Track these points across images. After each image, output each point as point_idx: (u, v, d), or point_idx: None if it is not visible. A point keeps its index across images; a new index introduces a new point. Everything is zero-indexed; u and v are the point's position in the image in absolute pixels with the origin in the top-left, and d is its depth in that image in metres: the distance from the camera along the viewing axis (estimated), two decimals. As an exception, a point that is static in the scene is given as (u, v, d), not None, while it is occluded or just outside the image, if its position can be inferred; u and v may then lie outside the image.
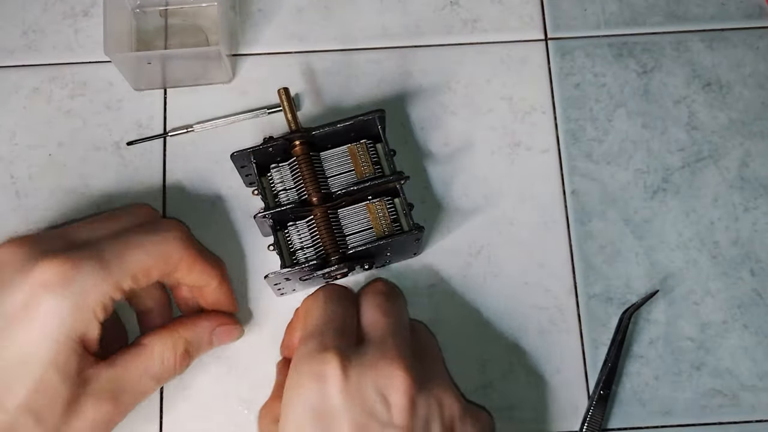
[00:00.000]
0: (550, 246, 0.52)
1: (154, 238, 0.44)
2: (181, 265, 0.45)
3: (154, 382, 0.44)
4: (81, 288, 0.40)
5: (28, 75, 0.55)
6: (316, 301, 0.45)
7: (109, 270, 0.41)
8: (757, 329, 0.51)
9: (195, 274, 0.46)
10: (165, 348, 0.45)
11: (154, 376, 0.44)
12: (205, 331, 0.47)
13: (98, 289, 0.41)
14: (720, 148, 0.54)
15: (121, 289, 0.42)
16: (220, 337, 0.48)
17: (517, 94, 0.55)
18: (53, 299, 0.40)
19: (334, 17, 0.56)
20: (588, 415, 0.49)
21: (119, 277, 0.42)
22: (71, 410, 0.41)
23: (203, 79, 0.54)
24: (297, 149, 0.48)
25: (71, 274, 0.40)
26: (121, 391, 0.43)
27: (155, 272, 0.44)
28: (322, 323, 0.43)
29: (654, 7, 0.57)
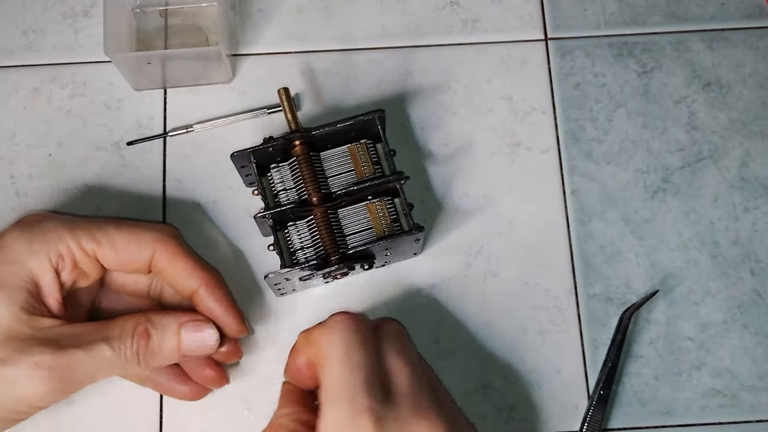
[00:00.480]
0: (550, 246, 0.52)
1: (136, 225, 0.45)
2: (158, 256, 0.44)
3: (107, 349, 0.42)
4: (43, 229, 0.43)
5: (28, 75, 0.55)
6: (337, 347, 0.40)
7: (77, 226, 0.43)
8: (757, 329, 0.51)
9: (175, 270, 0.45)
10: (127, 319, 0.43)
11: (108, 341, 0.42)
12: (172, 318, 0.44)
13: (57, 234, 0.43)
14: (720, 148, 0.54)
15: (80, 244, 0.43)
16: (189, 330, 0.44)
17: (517, 94, 0.55)
18: (16, 231, 0.43)
19: (334, 17, 0.56)
20: (588, 415, 0.49)
21: (83, 235, 0.43)
22: (14, 342, 0.40)
23: (203, 79, 0.54)
24: (297, 149, 0.48)
25: (42, 218, 0.43)
26: (70, 341, 0.41)
27: (123, 251, 0.44)
28: (348, 376, 0.39)
29: (654, 7, 0.57)
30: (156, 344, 0.43)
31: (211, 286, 0.45)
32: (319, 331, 0.41)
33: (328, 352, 0.40)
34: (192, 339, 0.44)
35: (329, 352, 0.40)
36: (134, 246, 0.44)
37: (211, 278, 0.46)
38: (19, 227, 0.44)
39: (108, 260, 0.44)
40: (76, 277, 0.44)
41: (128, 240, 0.44)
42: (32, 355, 0.40)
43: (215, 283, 0.46)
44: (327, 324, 0.41)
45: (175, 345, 0.44)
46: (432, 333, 0.50)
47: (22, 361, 0.40)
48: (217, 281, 0.46)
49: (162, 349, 0.44)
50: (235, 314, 0.46)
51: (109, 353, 0.42)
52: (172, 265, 0.45)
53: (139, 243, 0.44)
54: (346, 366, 0.39)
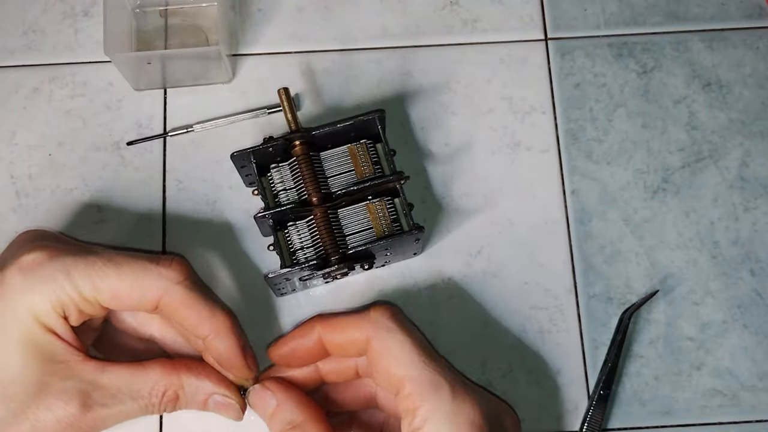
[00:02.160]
0: (550, 246, 0.52)
1: (139, 268, 0.42)
2: (163, 305, 0.42)
3: (133, 404, 0.42)
4: (42, 278, 0.41)
5: (28, 75, 0.55)
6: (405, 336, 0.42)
7: (75, 271, 0.41)
8: (757, 329, 0.51)
9: (182, 320, 0.43)
10: (160, 378, 0.42)
11: (136, 398, 0.42)
12: (203, 390, 0.43)
13: (57, 285, 0.41)
14: (720, 148, 0.54)
15: (80, 293, 0.41)
16: (215, 405, 0.44)
17: (517, 94, 0.55)
18: (16, 279, 0.41)
19: (334, 17, 0.56)
20: (588, 415, 0.49)
21: (82, 283, 0.41)
22: (39, 397, 0.40)
23: (203, 79, 0.54)
24: (297, 149, 0.48)
25: (42, 261, 0.41)
26: (96, 398, 0.41)
27: (126, 299, 0.42)
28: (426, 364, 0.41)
29: (654, 7, 0.57)
30: (182, 405, 0.44)
31: (220, 335, 0.43)
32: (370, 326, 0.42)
33: (396, 347, 0.41)
34: (216, 408, 0.44)
35: (397, 347, 0.41)
36: (137, 293, 0.42)
37: (221, 325, 0.43)
38: (17, 274, 0.41)
39: (111, 306, 0.43)
40: (83, 318, 0.43)
41: (130, 288, 0.42)
42: (61, 411, 0.40)
43: (225, 330, 0.43)
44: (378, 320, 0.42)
45: (199, 408, 0.44)
46: (432, 333, 0.50)
47: (50, 419, 0.40)
48: (227, 327, 0.44)
49: (186, 407, 0.44)
50: (242, 361, 0.44)
51: (135, 408, 0.42)
52: (178, 313, 0.43)
53: (142, 290, 0.42)
54: (419, 355, 0.41)
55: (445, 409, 0.39)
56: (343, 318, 0.43)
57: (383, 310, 0.42)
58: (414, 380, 0.40)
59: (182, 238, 0.52)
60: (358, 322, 0.42)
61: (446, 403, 0.39)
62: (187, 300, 0.42)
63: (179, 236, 0.52)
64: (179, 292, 0.42)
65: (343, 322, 0.43)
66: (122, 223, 0.52)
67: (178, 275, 0.42)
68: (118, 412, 0.42)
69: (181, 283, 0.42)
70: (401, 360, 0.40)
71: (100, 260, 0.42)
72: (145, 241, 0.51)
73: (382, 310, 0.42)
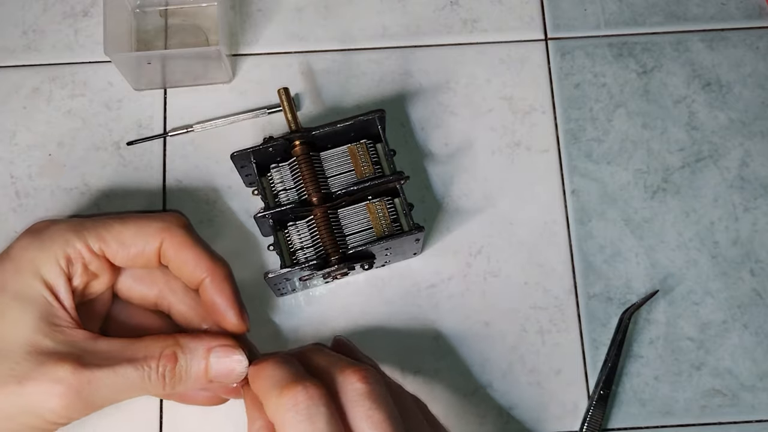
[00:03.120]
0: (550, 246, 0.52)
1: (141, 217, 0.44)
2: (165, 246, 0.44)
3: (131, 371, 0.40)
4: (50, 235, 0.42)
5: (28, 75, 0.55)
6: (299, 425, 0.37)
7: (83, 227, 0.43)
8: (757, 329, 0.51)
9: (182, 259, 0.44)
10: (154, 340, 0.42)
11: (132, 362, 0.40)
12: (201, 343, 0.42)
13: (63, 238, 0.42)
14: (720, 148, 0.54)
15: (86, 245, 0.42)
16: (218, 356, 0.42)
17: (517, 94, 0.55)
18: (24, 240, 0.42)
19: (334, 17, 0.56)
20: (588, 415, 0.49)
21: (89, 235, 0.42)
22: (30, 356, 0.39)
23: (203, 79, 0.54)
24: (297, 149, 0.48)
25: (48, 224, 0.43)
26: (90, 358, 0.40)
27: (131, 245, 0.43)
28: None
29: (654, 7, 0.57)
30: (183, 368, 0.42)
31: (217, 278, 0.44)
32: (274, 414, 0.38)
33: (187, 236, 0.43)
34: (220, 365, 0.42)
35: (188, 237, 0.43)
36: (141, 239, 0.43)
37: (218, 270, 0.44)
38: (27, 235, 0.43)
39: (117, 257, 0.43)
40: (88, 280, 0.43)
41: (135, 233, 0.43)
42: (53, 371, 0.39)
43: (221, 275, 0.44)
44: (279, 410, 0.38)
45: (202, 370, 0.42)
46: (432, 333, 0.50)
47: (41, 377, 0.39)
48: (223, 273, 0.45)
49: (189, 373, 0.42)
50: (236, 309, 0.44)
51: (133, 374, 0.40)
52: (179, 254, 0.44)
53: (146, 235, 0.43)
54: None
55: None
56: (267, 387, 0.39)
57: (288, 398, 0.37)
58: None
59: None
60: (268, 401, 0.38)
61: None
62: (188, 241, 0.44)
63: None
64: (180, 234, 0.44)
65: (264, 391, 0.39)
66: (122, 223, 0.52)
67: (179, 221, 0.45)
68: (116, 379, 0.40)
69: (182, 227, 0.44)
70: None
71: (106, 217, 0.44)
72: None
73: (287, 397, 0.37)
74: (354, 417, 0.38)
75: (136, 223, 0.44)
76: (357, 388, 0.38)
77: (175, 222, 0.44)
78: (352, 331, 0.50)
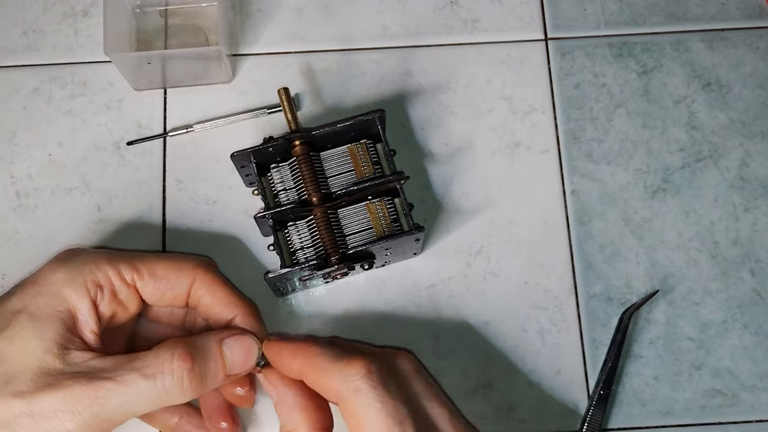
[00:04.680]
0: (550, 246, 0.52)
1: (174, 255, 0.46)
2: (197, 284, 0.44)
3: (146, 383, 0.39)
4: (82, 259, 0.42)
5: (28, 75, 0.55)
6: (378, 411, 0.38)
7: (117, 255, 0.43)
8: (757, 329, 0.51)
9: (213, 298, 0.44)
10: (160, 347, 0.41)
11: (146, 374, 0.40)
12: (211, 338, 0.42)
13: (95, 264, 0.42)
14: (720, 148, 0.54)
15: (118, 272, 0.42)
16: (232, 347, 0.42)
17: (517, 94, 0.55)
18: (54, 263, 0.42)
19: (334, 17, 0.56)
20: (588, 415, 0.49)
21: (123, 263, 0.43)
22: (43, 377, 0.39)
23: (203, 79, 0.54)
24: (297, 149, 0.48)
25: (81, 250, 0.43)
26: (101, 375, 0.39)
27: (164, 278, 0.43)
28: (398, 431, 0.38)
29: (654, 7, 0.57)
30: (200, 366, 0.41)
31: (247, 317, 0.45)
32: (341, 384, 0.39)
33: (362, 411, 0.38)
34: (235, 354, 0.42)
35: (363, 412, 0.38)
36: (174, 273, 0.43)
37: (248, 309, 0.45)
38: (57, 260, 0.43)
39: (147, 289, 0.43)
40: (115, 309, 0.43)
41: (168, 267, 0.44)
42: (61, 389, 0.38)
43: (251, 313, 0.45)
44: (350, 378, 0.39)
45: (219, 364, 0.42)
46: (432, 333, 0.50)
47: (50, 396, 0.38)
48: (253, 312, 0.45)
49: (207, 370, 0.41)
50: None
51: (143, 384, 0.39)
52: (211, 293, 0.44)
53: (179, 270, 0.44)
54: (392, 423, 0.38)
55: None
56: (323, 362, 0.40)
57: (359, 366, 0.39)
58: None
59: (182, 238, 0.52)
60: (332, 374, 0.40)
61: None
62: (219, 280, 0.45)
63: (179, 236, 0.52)
64: (212, 272, 0.45)
65: (321, 367, 0.40)
66: (122, 223, 0.52)
67: (210, 262, 0.47)
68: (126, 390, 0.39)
69: (213, 266, 0.46)
70: (362, 426, 0.38)
71: (141, 252, 0.45)
72: (145, 241, 0.51)
73: (358, 366, 0.39)
74: (416, 393, 0.41)
75: (170, 259, 0.45)
76: (412, 368, 0.42)
77: (207, 262, 0.46)
78: (352, 331, 0.50)
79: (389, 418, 0.38)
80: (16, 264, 0.50)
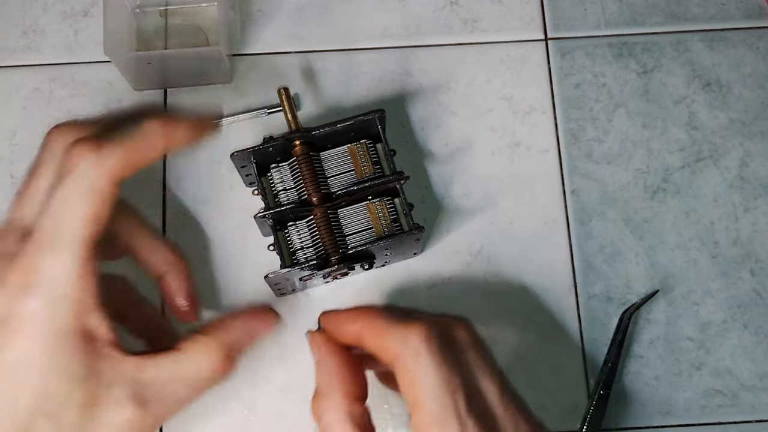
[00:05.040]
0: (550, 246, 0.52)
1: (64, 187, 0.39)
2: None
3: (188, 389, 0.40)
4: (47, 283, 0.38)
5: (28, 75, 0.55)
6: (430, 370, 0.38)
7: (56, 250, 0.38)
8: (757, 329, 0.51)
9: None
10: (200, 352, 0.41)
11: (187, 382, 0.40)
12: (242, 329, 0.43)
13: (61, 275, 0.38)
14: (720, 148, 0.54)
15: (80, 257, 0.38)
16: (257, 330, 0.43)
17: (517, 94, 0.55)
18: (31, 304, 0.38)
19: (334, 17, 0.56)
20: (588, 415, 0.49)
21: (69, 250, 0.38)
22: (91, 412, 0.38)
23: (203, 79, 0.54)
24: (297, 149, 0.48)
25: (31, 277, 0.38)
26: (148, 395, 0.39)
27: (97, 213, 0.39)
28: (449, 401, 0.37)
29: (654, 7, 0.57)
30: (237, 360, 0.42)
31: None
32: (400, 345, 0.39)
33: (418, 374, 0.38)
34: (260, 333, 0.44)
35: (419, 375, 0.38)
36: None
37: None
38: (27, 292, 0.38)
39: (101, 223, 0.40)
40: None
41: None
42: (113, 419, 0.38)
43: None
44: (410, 341, 0.39)
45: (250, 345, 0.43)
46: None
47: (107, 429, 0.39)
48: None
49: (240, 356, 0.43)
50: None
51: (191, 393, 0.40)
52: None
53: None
54: (446, 390, 0.37)
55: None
56: (384, 325, 0.40)
57: (420, 330, 0.39)
58: (423, 411, 0.38)
59: (182, 239, 0.52)
60: (393, 335, 0.40)
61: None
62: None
63: (179, 237, 0.52)
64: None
65: (381, 329, 0.40)
66: (122, 223, 0.52)
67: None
68: (177, 401, 0.40)
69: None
70: (416, 387, 0.38)
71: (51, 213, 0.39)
72: (145, 241, 0.51)
73: (419, 330, 0.39)
74: (470, 365, 0.40)
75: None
76: (468, 340, 0.41)
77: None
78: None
79: (444, 385, 0.38)
80: (16, 264, 0.50)
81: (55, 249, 0.38)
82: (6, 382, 0.38)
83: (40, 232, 0.38)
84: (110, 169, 0.39)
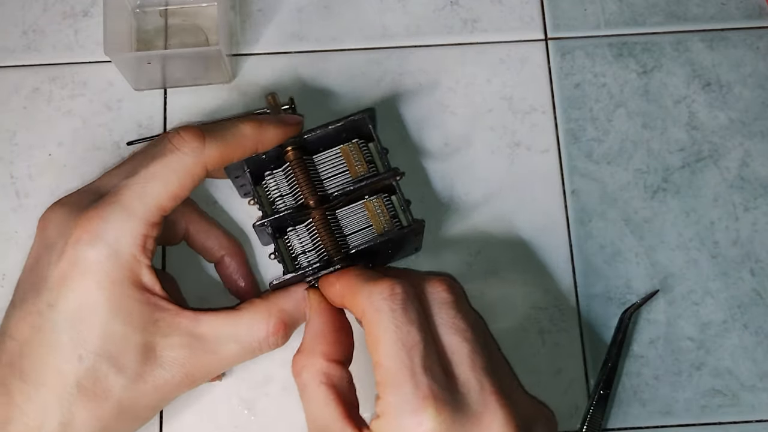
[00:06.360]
0: (550, 246, 0.52)
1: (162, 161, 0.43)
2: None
3: (240, 349, 0.43)
4: (112, 236, 0.41)
5: (28, 75, 0.55)
6: (388, 325, 0.38)
7: (132, 210, 0.42)
8: (757, 329, 0.51)
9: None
10: (256, 313, 0.43)
11: (240, 342, 0.42)
12: (299, 302, 0.45)
13: (127, 231, 0.41)
14: (720, 148, 0.54)
15: (150, 223, 0.42)
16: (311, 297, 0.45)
17: (517, 94, 0.55)
18: (91, 252, 0.41)
19: (334, 17, 0.56)
20: (588, 415, 0.49)
21: (144, 213, 0.42)
22: (149, 357, 0.41)
23: (203, 79, 0.54)
24: (290, 155, 0.48)
25: (100, 226, 0.41)
26: (201, 348, 0.42)
27: (180, 193, 0.43)
28: (405, 358, 0.37)
29: (654, 7, 0.57)
30: (292, 329, 0.45)
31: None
32: (366, 301, 0.39)
33: (378, 331, 0.38)
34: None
35: (379, 332, 0.38)
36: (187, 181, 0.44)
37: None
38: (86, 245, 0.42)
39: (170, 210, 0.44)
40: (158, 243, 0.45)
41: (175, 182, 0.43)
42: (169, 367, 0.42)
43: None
44: (373, 297, 0.39)
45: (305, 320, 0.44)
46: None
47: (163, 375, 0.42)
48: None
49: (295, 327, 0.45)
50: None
51: (241, 352, 0.43)
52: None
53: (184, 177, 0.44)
54: (401, 347, 0.38)
55: (402, 409, 0.37)
56: (358, 283, 0.41)
57: (383, 287, 0.39)
58: (381, 368, 0.38)
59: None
60: (361, 293, 0.40)
61: (403, 403, 0.37)
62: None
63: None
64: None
65: (356, 287, 0.41)
66: (122, 223, 0.52)
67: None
68: (228, 357, 0.43)
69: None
70: (376, 344, 0.38)
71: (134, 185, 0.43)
72: (145, 241, 0.51)
73: (382, 287, 0.39)
74: (438, 323, 0.40)
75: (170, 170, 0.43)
76: (443, 297, 0.41)
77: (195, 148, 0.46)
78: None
79: (399, 341, 0.38)
80: (16, 264, 0.50)
81: (129, 210, 0.42)
82: (73, 326, 0.40)
83: (123, 191, 0.42)
84: (207, 159, 0.43)
